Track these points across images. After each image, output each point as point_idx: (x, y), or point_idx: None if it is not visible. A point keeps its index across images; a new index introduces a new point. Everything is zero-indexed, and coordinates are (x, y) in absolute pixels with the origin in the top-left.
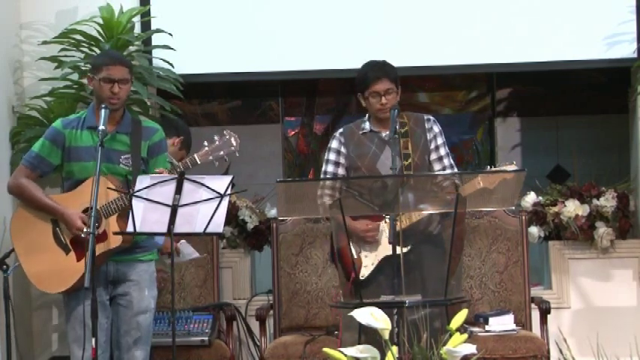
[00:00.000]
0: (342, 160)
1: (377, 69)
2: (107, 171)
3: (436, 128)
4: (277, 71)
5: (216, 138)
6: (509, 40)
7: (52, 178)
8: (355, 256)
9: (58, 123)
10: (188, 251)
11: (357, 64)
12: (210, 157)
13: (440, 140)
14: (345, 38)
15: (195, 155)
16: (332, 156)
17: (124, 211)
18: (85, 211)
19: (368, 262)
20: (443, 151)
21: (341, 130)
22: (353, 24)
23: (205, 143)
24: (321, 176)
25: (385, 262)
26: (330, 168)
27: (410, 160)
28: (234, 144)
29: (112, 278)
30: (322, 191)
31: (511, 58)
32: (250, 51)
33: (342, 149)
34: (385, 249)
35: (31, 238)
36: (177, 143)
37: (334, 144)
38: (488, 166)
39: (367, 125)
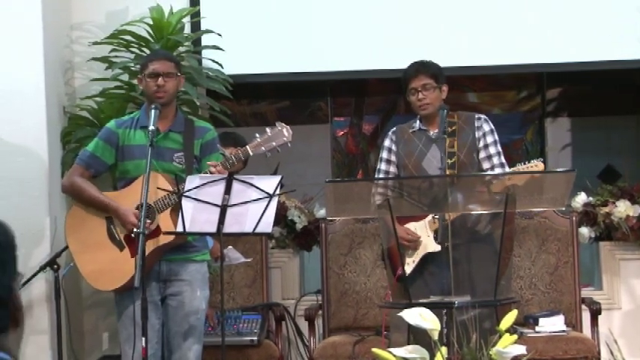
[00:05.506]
0: (393, 158)
1: (414, 66)
2: (160, 168)
3: (486, 127)
4: (326, 71)
5: (267, 130)
6: (560, 40)
7: (104, 180)
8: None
9: (112, 123)
10: (235, 256)
11: (406, 64)
12: (263, 149)
13: (490, 139)
14: (394, 38)
15: (248, 147)
16: (384, 154)
17: (177, 206)
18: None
19: (409, 260)
20: (493, 150)
21: (394, 128)
22: (402, 24)
23: (257, 135)
24: (375, 174)
25: (430, 260)
26: (383, 166)
27: (455, 159)
28: (287, 135)
29: (164, 277)
30: (375, 189)
31: (561, 57)
32: (299, 51)
33: (393, 147)
34: (425, 245)
35: (86, 236)
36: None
37: (386, 142)
38: (519, 164)
39: (417, 124)
